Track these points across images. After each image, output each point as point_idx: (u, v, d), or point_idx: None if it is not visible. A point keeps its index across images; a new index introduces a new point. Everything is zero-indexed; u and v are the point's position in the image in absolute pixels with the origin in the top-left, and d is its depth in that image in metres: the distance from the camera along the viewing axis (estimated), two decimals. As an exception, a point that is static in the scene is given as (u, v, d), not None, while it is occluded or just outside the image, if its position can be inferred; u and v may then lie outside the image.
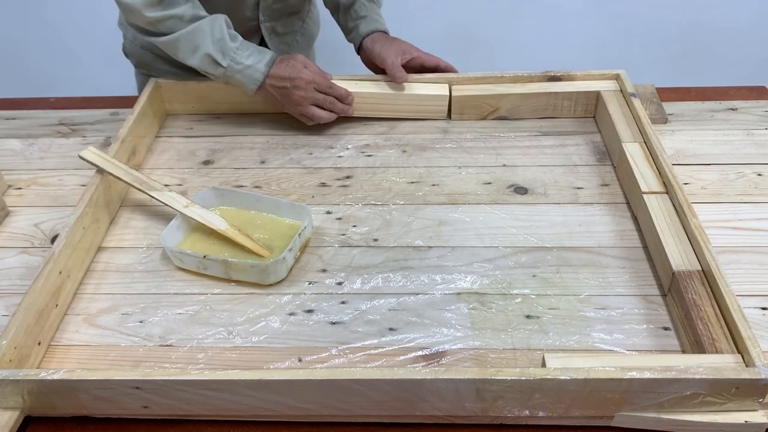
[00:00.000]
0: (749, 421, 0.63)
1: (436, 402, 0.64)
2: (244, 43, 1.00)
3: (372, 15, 1.16)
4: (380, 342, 0.73)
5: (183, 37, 0.97)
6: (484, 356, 0.71)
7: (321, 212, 0.91)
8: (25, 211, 0.94)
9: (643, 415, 0.64)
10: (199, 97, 1.10)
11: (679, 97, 1.11)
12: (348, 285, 0.80)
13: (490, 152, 1.01)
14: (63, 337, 0.76)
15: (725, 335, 0.67)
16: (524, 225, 0.87)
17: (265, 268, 0.78)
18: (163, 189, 0.89)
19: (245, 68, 0.99)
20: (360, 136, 1.06)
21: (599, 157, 0.99)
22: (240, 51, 0.98)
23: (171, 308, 0.78)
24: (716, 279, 0.70)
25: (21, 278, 0.83)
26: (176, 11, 0.96)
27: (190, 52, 0.98)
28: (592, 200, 0.91)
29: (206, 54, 0.97)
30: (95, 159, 0.90)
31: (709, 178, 0.94)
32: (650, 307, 0.76)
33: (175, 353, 0.73)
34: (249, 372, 0.63)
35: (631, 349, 0.71)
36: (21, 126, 1.12)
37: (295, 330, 0.75)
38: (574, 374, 0.61)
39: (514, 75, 1.07)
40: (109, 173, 0.89)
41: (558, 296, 0.77)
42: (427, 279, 0.80)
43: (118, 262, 0.85)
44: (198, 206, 0.87)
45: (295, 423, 0.67)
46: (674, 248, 0.76)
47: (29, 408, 0.67)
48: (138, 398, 0.65)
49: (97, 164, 0.90)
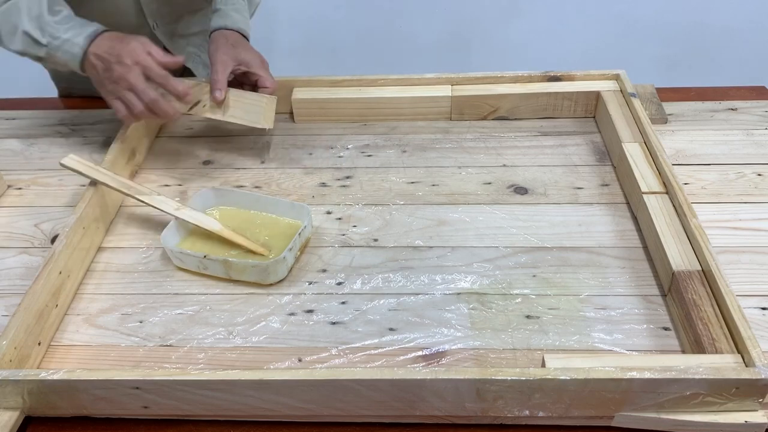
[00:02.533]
0: (749, 421, 0.63)
1: (436, 402, 0.64)
2: (68, 17, 0.89)
3: (227, 10, 1.02)
4: (380, 342, 0.73)
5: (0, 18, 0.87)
6: (484, 356, 0.71)
7: (321, 212, 0.91)
8: (25, 211, 0.94)
9: (643, 415, 0.64)
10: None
11: (679, 97, 1.11)
12: (348, 285, 0.80)
13: (490, 152, 1.01)
14: (63, 338, 0.76)
15: (725, 335, 0.67)
16: (524, 225, 0.87)
17: (265, 267, 0.78)
18: (152, 193, 0.86)
19: (63, 43, 0.87)
20: (360, 136, 1.06)
21: (599, 157, 0.99)
22: (59, 24, 0.87)
23: (171, 308, 0.78)
24: (716, 279, 0.70)
25: (21, 278, 0.83)
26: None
27: (10, 35, 0.88)
28: (592, 200, 0.91)
29: (24, 32, 0.87)
30: (77, 166, 0.87)
31: (709, 178, 0.94)
32: (650, 307, 0.76)
33: (175, 353, 0.73)
34: (249, 372, 0.63)
35: (631, 349, 0.71)
36: (21, 126, 1.12)
37: (295, 330, 0.75)
38: (574, 374, 0.61)
39: (514, 75, 1.07)
40: (94, 180, 0.87)
41: (558, 296, 0.77)
42: (427, 279, 0.80)
43: (118, 262, 0.85)
44: (189, 209, 0.85)
45: (295, 423, 0.67)
46: (674, 248, 0.76)
47: (29, 408, 0.67)
48: (138, 398, 0.65)
49: (80, 171, 0.87)
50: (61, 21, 0.87)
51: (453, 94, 1.06)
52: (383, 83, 1.08)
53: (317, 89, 1.08)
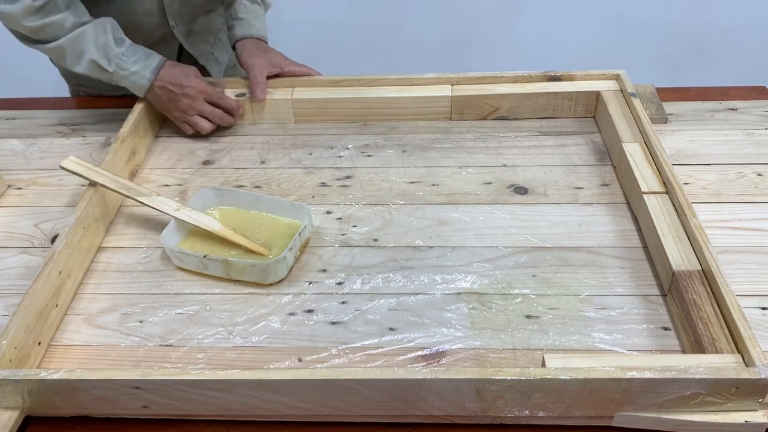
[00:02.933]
0: (749, 421, 0.63)
1: (436, 402, 0.64)
2: (132, 48, 0.98)
3: (250, 19, 1.11)
4: (380, 342, 0.73)
5: (67, 44, 0.95)
6: (484, 356, 0.71)
7: (321, 212, 0.91)
8: (25, 211, 0.94)
9: (643, 415, 0.64)
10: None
11: (679, 97, 1.11)
12: (348, 285, 0.80)
13: (490, 152, 1.01)
14: (63, 337, 0.76)
15: (725, 335, 0.67)
16: (524, 225, 0.87)
17: (265, 267, 0.78)
18: (151, 194, 0.87)
19: (130, 74, 0.98)
20: (360, 136, 1.06)
21: (599, 157, 0.99)
22: (126, 57, 0.97)
23: (171, 308, 0.78)
24: (716, 279, 0.70)
25: (21, 278, 0.83)
26: (56, 18, 0.93)
27: (75, 59, 0.97)
28: (592, 200, 0.91)
29: (91, 60, 0.96)
30: (76, 168, 0.88)
31: (709, 178, 0.94)
32: (650, 307, 0.76)
33: (175, 353, 0.73)
34: (249, 372, 0.63)
35: (631, 349, 0.71)
36: (21, 126, 1.12)
37: (295, 330, 0.75)
38: (574, 374, 0.61)
39: (514, 75, 1.07)
40: (94, 182, 0.87)
41: (558, 296, 0.77)
42: (427, 279, 0.80)
43: (118, 262, 0.85)
44: (189, 209, 0.86)
45: (295, 423, 0.67)
46: (674, 248, 0.76)
47: (29, 408, 0.67)
48: (138, 398, 0.65)
49: (80, 173, 0.87)
50: (127, 53, 0.97)
51: (453, 94, 1.06)
52: (383, 83, 1.08)
53: (317, 89, 1.08)
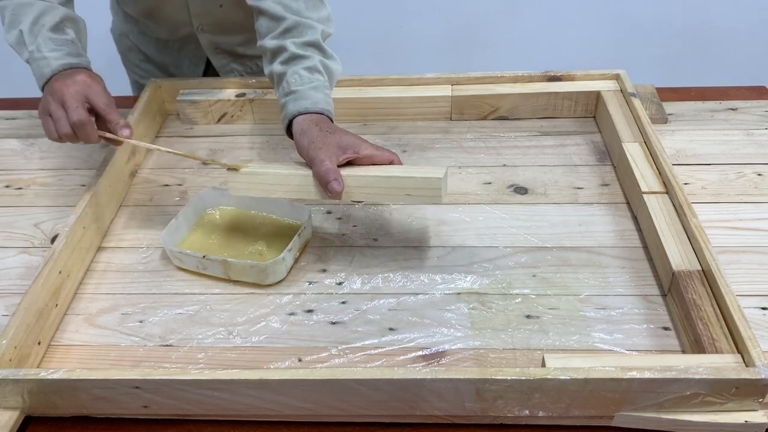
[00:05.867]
0: (749, 421, 0.63)
1: (436, 402, 0.64)
2: (66, 41, 0.84)
3: (304, 90, 0.84)
4: (380, 342, 0.73)
5: (9, 7, 0.86)
6: (484, 356, 0.71)
7: (321, 212, 0.91)
8: (25, 211, 0.94)
9: (643, 415, 0.64)
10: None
11: (679, 97, 1.11)
12: (348, 285, 0.80)
13: (490, 152, 1.01)
14: (63, 337, 0.76)
15: (725, 335, 0.67)
16: (524, 225, 0.87)
17: (264, 268, 0.78)
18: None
19: (41, 58, 0.83)
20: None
21: (599, 157, 0.99)
22: (51, 41, 0.83)
23: (171, 308, 0.78)
24: (716, 279, 0.70)
25: (21, 278, 0.83)
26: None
27: (10, 25, 0.86)
28: (592, 200, 0.91)
29: (20, 31, 0.85)
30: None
31: (709, 178, 0.94)
32: (650, 307, 0.76)
33: (175, 353, 0.73)
34: (249, 372, 0.63)
35: (631, 349, 0.71)
36: (21, 126, 1.12)
37: (295, 330, 0.75)
38: (574, 374, 0.61)
39: (514, 75, 1.07)
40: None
41: (558, 296, 0.77)
42: (427, 279, 0.80)
43: (118, 262, 0.85)
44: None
45: (295, 423, 0.67)
46: (674, 248, 0.76)
47: (29, 408, 0.67)
48: (138, 398, 0.65)
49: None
50: (56, 40, 0.83)
51: (453, 94, 1.06)
52: (383, 83, 1.08)
53: (317, 89, 1.08)
